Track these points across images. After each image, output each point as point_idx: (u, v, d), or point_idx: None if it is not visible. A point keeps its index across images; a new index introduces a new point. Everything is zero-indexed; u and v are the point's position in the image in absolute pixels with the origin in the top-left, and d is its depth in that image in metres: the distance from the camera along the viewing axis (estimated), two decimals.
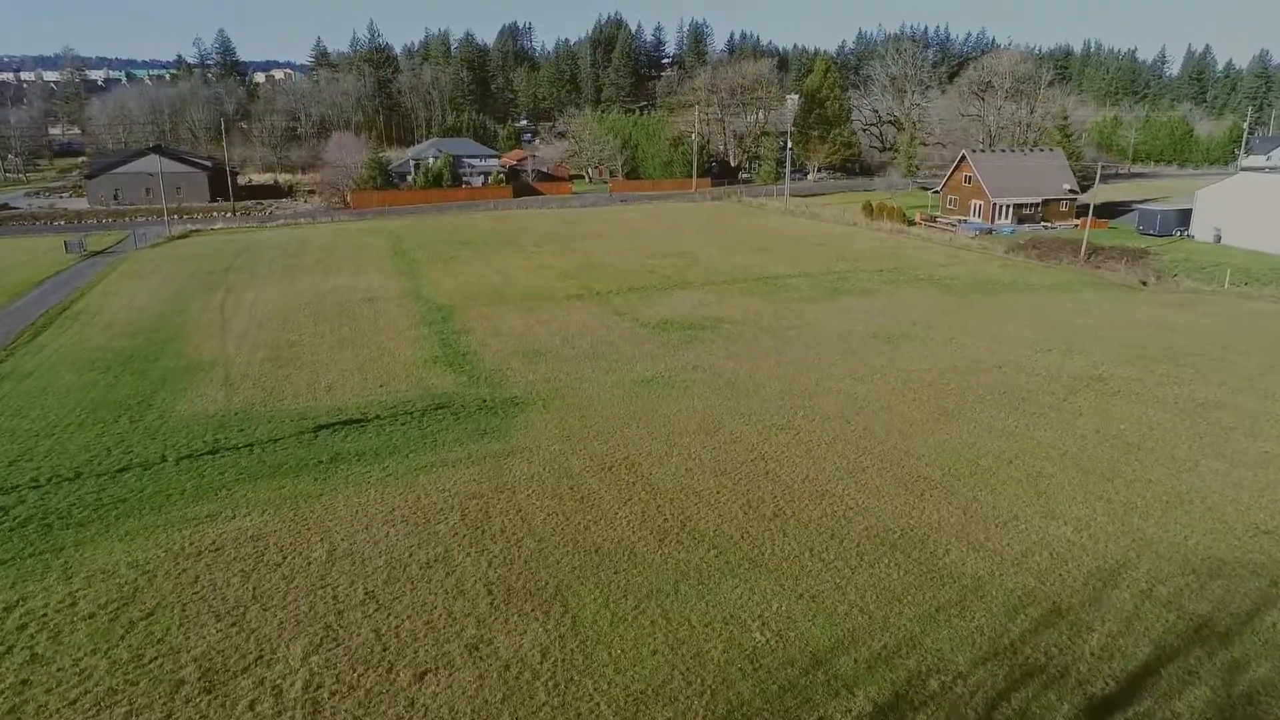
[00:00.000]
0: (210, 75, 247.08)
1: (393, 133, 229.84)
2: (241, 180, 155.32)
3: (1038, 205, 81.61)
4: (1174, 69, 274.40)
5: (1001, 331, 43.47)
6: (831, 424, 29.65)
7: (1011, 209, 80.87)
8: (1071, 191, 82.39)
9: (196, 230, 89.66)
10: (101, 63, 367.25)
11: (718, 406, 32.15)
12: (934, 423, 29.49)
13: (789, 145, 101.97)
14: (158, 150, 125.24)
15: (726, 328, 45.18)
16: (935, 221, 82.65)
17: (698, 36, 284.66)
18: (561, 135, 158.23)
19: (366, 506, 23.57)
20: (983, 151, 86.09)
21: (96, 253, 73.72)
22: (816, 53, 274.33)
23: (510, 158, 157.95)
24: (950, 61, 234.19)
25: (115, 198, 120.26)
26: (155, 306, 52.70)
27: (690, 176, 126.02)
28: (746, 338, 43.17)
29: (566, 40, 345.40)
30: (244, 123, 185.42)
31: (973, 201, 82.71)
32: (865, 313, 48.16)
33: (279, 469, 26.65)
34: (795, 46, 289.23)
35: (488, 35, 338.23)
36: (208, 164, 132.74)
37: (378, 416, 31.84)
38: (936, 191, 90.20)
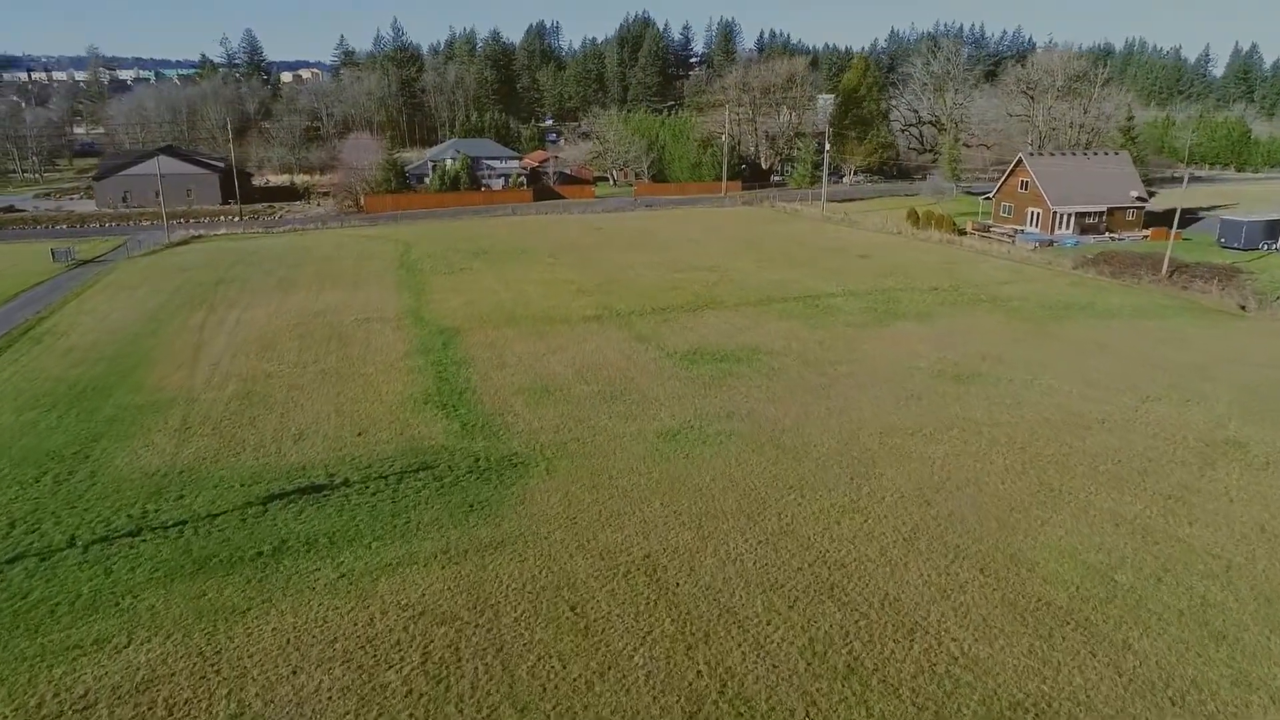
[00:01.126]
0: (237, 75, 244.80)
1: (416, 133, 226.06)
2: (258, 181, 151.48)
3: (1102, 214, 74.52)
4: (1218, 68, 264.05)
5: (1091, 370, 37.01)
6: (907, 506, 23.52)
7: (1073, 218, 73.88)
8: (1139, 199, 75.25)
9: (198, 236, 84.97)
10: (136, 63, 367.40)
11: (761, 473, 26.14)
12: (1039, 508, 23.25)
13: (827, 147, 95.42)
14: (168, 151, 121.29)
15: (765, 360, 39.11)
16: (989, 231, 75.83)
17: (726, 35, 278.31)
18: (585, 136, 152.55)
19: (302, 635, 17.83)
20: (1041, 155, 79.04)
21: (85, 261, 69.04)
22: (848, 51, 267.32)
23: (532, 159, 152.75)
24: (985, 61, 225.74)
25: (124, 200, 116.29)
26: (129, 326, 47.54)
27: (720, 179, 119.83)
28: (789, 374, 37.08)
29: (593, 39, 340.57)
30: (265, 123, 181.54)
31: (1030, 209, 75.78)
32: (925, 342, 41.85)
33: (206, 564, 21.01)
34: (826, 45, 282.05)
35: (515, 34, 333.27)
36: (220, 165, 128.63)
37: (345, 481, 26.15)
38: (988, 198, 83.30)
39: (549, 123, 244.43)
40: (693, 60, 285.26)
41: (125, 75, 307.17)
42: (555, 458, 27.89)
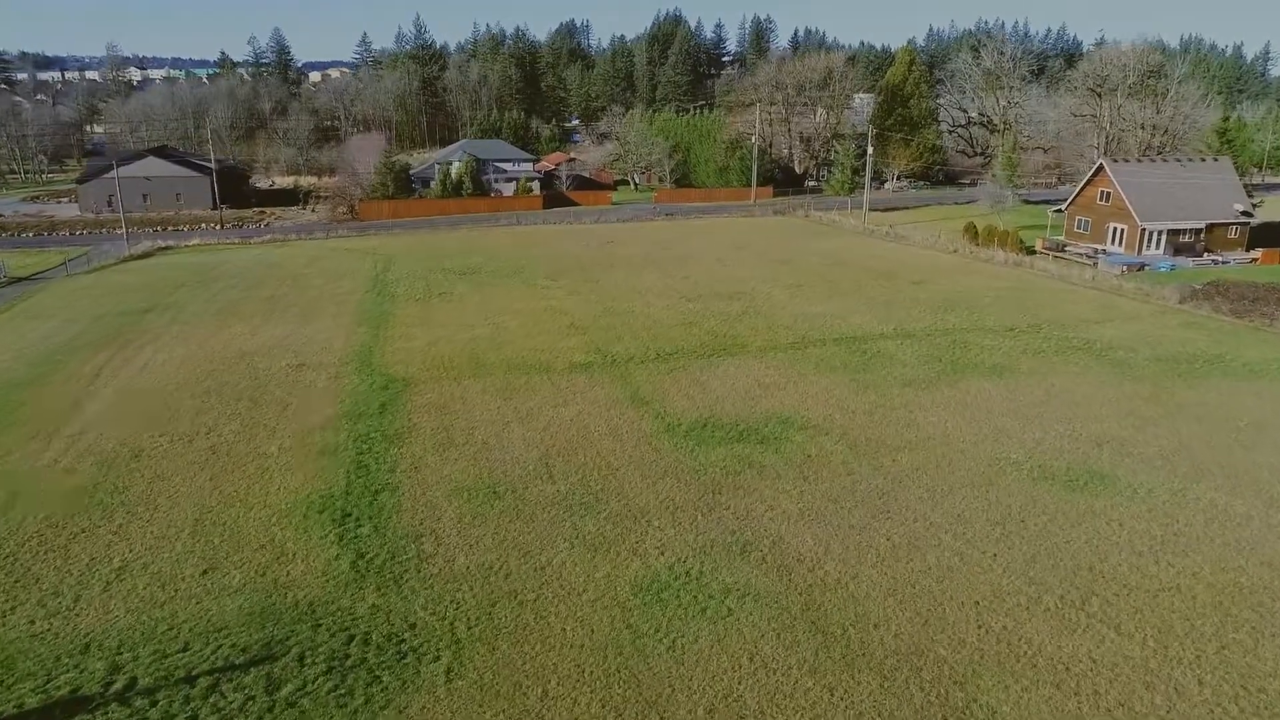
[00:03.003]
0: (248, 73, 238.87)
1: (437, 133, 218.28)
2: (263, 184, 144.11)
3: (1199, 232, 63.14)
4: (1277, 66, 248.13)
5: (1264, 470, 26.39)
6: None
7: (1164, 236, 62.59)
8: (1244, 213, 63.77)
9: (166, 247, 76.49)
10: (162, 63, 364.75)
11: (790, 695, 16.08)
12: None
13: (869, 150, 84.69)
14: (157, 152, 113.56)
15: (797, 441, 29.00)
16: (1063, 251, 64.73)
17: (760, 33, 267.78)
18: (605, 137, 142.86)
19: None
20: (1127, 161, 67.70)
21: (18, 279, 60.63)
22: (885, 50, 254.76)
23: (550, 161, 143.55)
24: (1031, 59, 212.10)
25: (109, 204, 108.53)
26: (11, 371, 38.55)
27: (749, 185, 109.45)
28: (831, 465, 26.95)
29: (622, 37, 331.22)
30: (277, 122, 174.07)
31: (1111, 225, 64.57)
32: (1012, 414, 31.42)
33: None
34: (862, 43, 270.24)
35: (544, 32, 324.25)
36: (214, 167, 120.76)
37: (127, 687, 16.52)
38: (1058, 210, 72.12)
39: (575, 123, 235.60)
40: (725, 59, 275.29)
41: (155, 74, 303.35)
42: (471, 640, 18.05)
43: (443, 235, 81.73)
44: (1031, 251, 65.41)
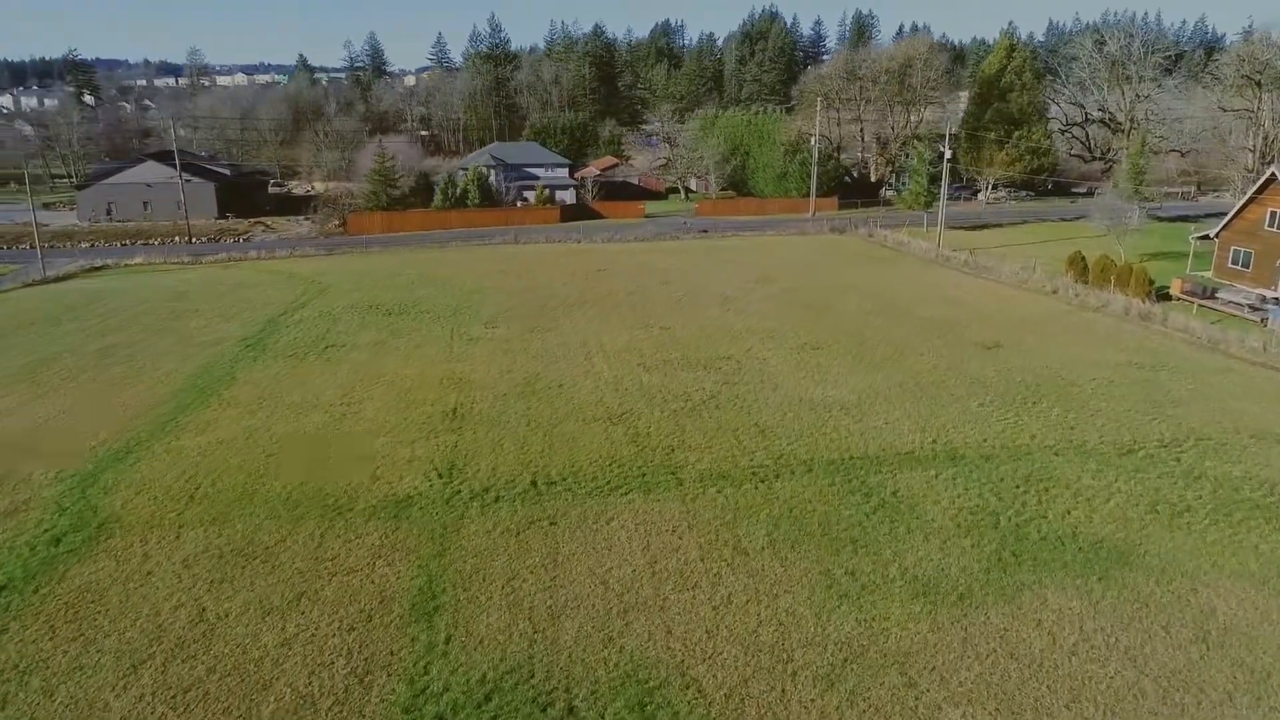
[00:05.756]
0: (345, 78, 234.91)
1: (505, 135, 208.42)
2: (298, 190, 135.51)
3: None
4: None
5: None
6: None
7: None
8: None
9: (100, 266, 65.87)
10: (253, 68, 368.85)
11: None
12: None
13: (947, 153, 66.76)
14: (159, 157, 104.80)
15: None
16: (1213, 297, 45.95)
17: (861, 28, 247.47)
18: (650, 139, 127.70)
19: None
20: None
21: None
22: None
23: (598, 166, 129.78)
24: (1162, 52, 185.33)
25: (108, 212, 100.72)
26: None
27: (807, 194, 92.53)
28: None
29: (711, 34, 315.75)
30: (319, 124, 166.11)
31: None
32: (1149, 715, 15.02)
33: None
34: (974, 39, 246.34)
35: (640, 32, 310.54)
36: (225, 173, 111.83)
37: None
38: (1206, 236, 53.04)
39: (654, 125, 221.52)
40: (824, 57, 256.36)
41: (235, 80, 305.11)
42: None
43: (416, 256, 68.49)
44: (1165, 296, 46.98)
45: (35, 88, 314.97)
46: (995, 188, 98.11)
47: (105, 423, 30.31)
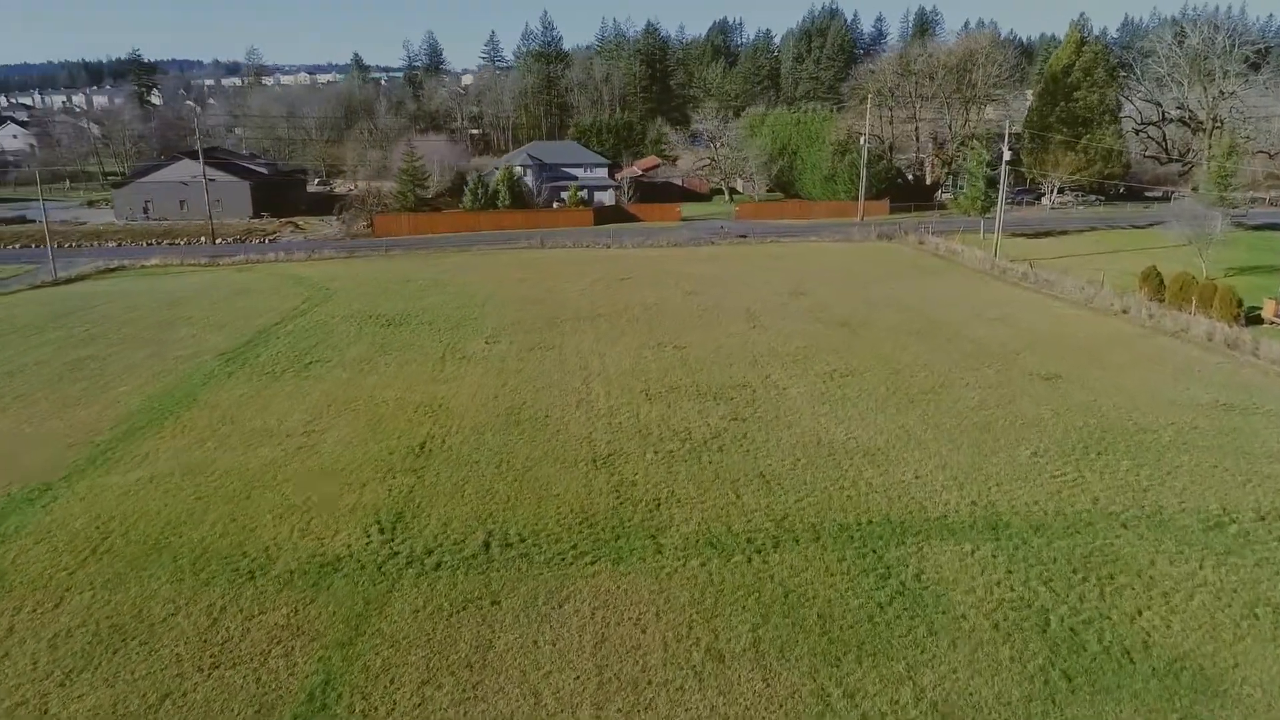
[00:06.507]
0: (405, 77, 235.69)
1: (555, 134, 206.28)
2: (340, 189, 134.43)
3: None
4: None
5: None
6: None
7: None
8: None
9: (116, 268, 64.32)
10: (329, 68, 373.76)
11: None
12: None
13: (1007, 154, 61.00)
14: (195, 155, 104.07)
15: None
16: None
17: (923, 24, 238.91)
18: (695, 138, 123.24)
19: None
20: None
21: None
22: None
23: (641, 166, 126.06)
24: (1247, 48, 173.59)
25: (145, 210, 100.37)
26: None
27: (855, 197, 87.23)
28: None
29: (768, 32, 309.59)
30: (363, 122, 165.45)
31: None
32: None
33: None
34: (1043, 35, 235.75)
35: (694, 30, 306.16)
36: (261, 171, 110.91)
37: None
38: None
39: (704, 124, 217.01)
40: (885, 54, 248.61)
41: (289, 80, 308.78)
42: None
43: (435, 260, 65.48)
44: (1256, 319, 41.14)
45: (109, 87, 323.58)
46: (1061, 191, 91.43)
47: (39, 453, 27.41)
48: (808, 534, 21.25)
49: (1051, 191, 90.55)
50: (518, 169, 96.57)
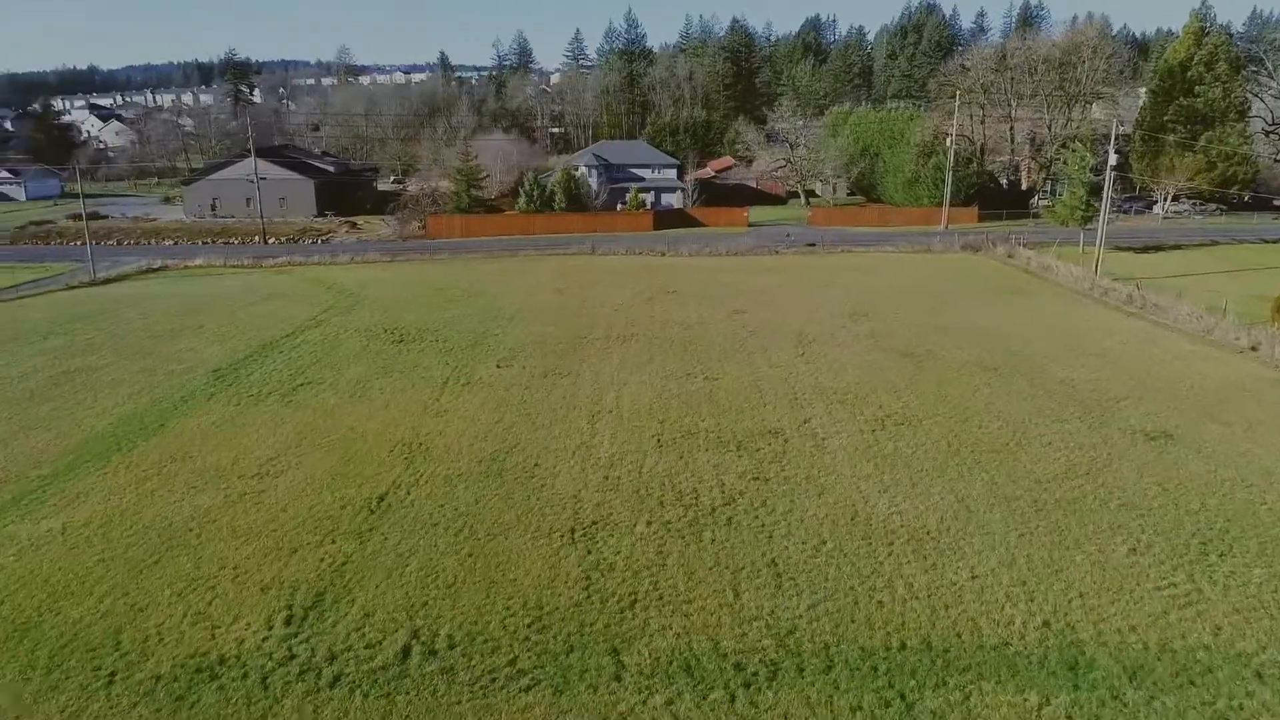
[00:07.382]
0: (491, 76, 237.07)
1: (635, 133, 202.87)
2: (413, 188, 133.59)
3: None
4: None
5: None
6: None
7: None
8: None
9: (159, 267, 63.14)
10: (422, 68, 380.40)
11: None
12: None
13: (1112, 157, 53.50)
14: (262, 153, 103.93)
15: None
16: None
17: (1028, 18, 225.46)
18: (771, 139, 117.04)
19: None
20: None
21: None
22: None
23: (714, 166, 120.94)
24: None
25: (213, 209, 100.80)
26: None
27: (940, 203, 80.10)
28: None
29: (860, 28, 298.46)
30: (438, 120, 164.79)
31: None
32: None
33: None
34: (1159, 30, 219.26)
35: (782, 28, 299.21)
36: (328, 170, 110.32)
37: None
38: None
39: (778, 123, 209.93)
40: (987, 50, 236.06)
41: (384, 80, 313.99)
42: None
43: (477, 266, 62.03)
44: None
45: (214, 86, 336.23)
46: (1175, 199, 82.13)
47: None
48: (817, 661, 16.15)
49: (1165, 199, 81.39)
50: (581, 169, 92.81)
